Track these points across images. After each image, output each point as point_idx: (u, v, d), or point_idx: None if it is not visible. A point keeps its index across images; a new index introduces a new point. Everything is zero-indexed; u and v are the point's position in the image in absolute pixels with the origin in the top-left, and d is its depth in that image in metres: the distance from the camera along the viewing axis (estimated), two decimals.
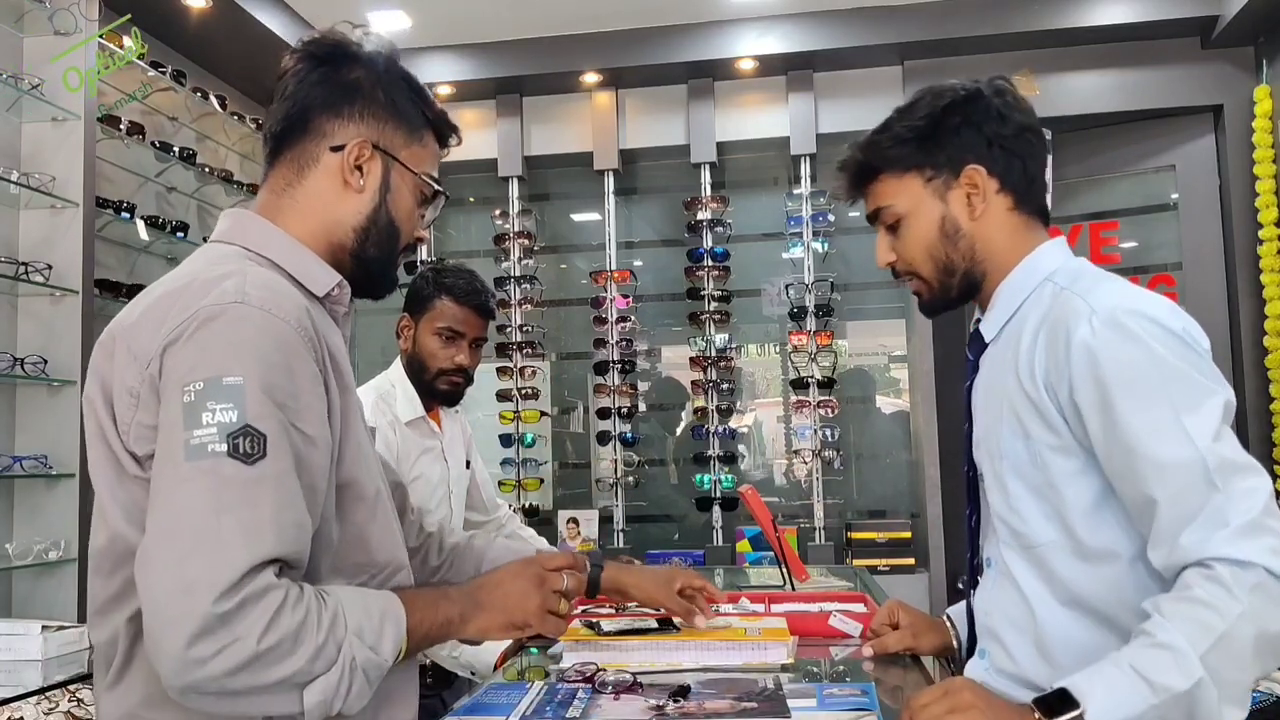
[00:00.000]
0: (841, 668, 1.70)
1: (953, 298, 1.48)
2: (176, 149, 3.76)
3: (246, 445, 1.04)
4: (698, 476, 4.46)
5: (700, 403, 4.49)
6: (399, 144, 1.30)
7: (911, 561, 4.19)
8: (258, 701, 1.04)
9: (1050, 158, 1.53)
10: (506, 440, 4.58)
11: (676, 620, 1.76)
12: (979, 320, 1.49)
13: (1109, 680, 1.11)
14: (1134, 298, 1.30)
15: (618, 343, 4.55)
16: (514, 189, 4.71)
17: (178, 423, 1.05)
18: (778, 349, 4.92)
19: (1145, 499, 1.21)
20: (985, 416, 1.44)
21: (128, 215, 3.48)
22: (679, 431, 4.86)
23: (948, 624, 1.69)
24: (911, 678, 1.61)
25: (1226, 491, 1.16)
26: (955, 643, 1.67)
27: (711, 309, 4.48)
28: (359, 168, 1.27)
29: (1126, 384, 1.23)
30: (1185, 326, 1.27)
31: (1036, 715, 1.12)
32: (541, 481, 4.61)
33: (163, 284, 1.19)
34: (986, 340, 1.46)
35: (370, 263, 1.31)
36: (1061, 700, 1.12)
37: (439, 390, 2.43)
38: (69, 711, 2.37)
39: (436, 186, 1.35)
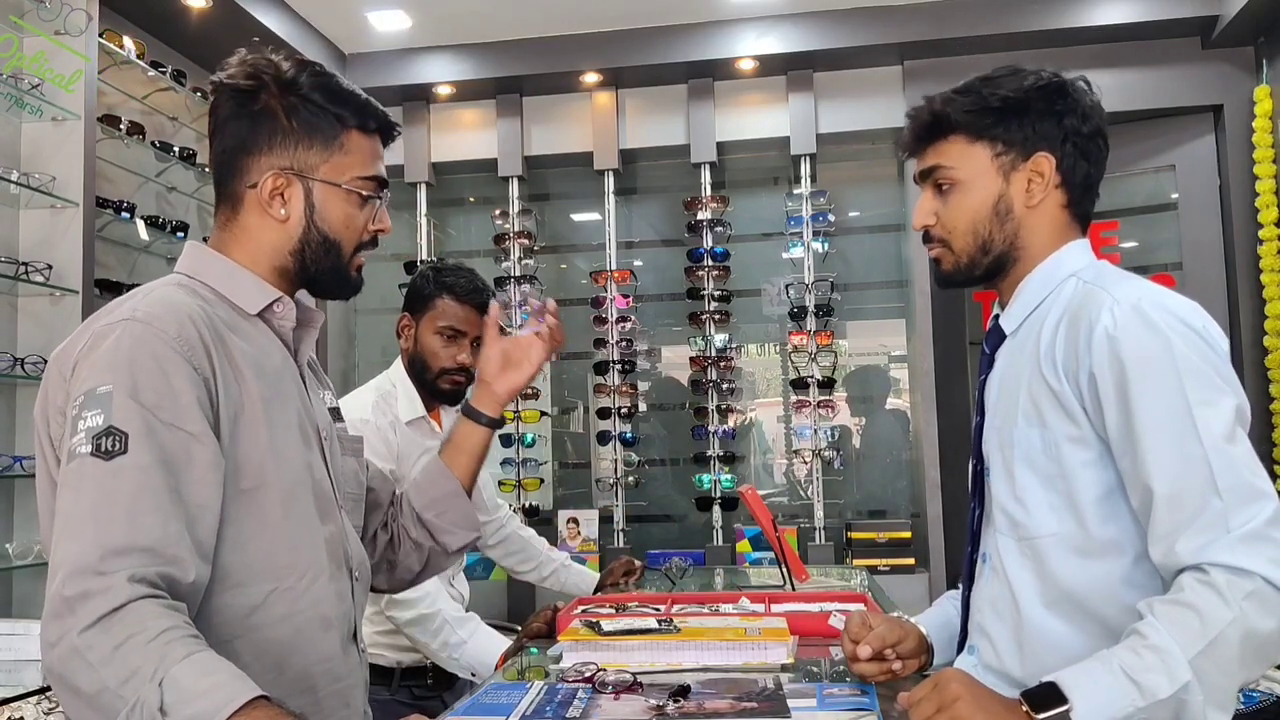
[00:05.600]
0: (841, 668, 1.70)
1: (975, 276, 1.46)
2: (176, 149, 3.76)
3: (108, 444, 1.10)
4: (698, 476, 4.46)
5: (700, 403, 4.49)
6: (316, 161, 1.32)
7: (911, 561, 4.19)
8: (86, 715, 1.01)
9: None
10: (506, 440, 4.58)
11: (676, 621, 1.76)
12: (998, 315, 1.48)
13: (1097, 679, 1.12)
14: (1157, 293, 1.31)
15: (618, 343, 4.55)
16: (514, 189, 4.71)
17: (66, 434, 1.14)
18: (778, 349, 4.92)
19: (1146, 490, 1.21)
20: (999, 409, 1.43)
21: (128, 215, 3.48)
22: (679, 432, 4.86)
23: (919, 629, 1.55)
24: (913, 679, 1.61)
25: (1227, 498, 1.16)
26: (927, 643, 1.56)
27: (711, 309, 4.48)
28: (282, 195, 1.31)
29: (1143, 373, 1.23)
30: (1205, 325, 1.28)
31: (1025, 709, 1.12)
32: (541, 481, 4.61)
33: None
34: (1006, 333, 1.45)
35: (319, 276, 1.36)
36: (1049, 695, 1.12)
37: (441, 390, 2.42)
38: None
39: (365, 190, 1.35)
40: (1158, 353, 1.23)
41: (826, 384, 4.36)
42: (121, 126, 3.47)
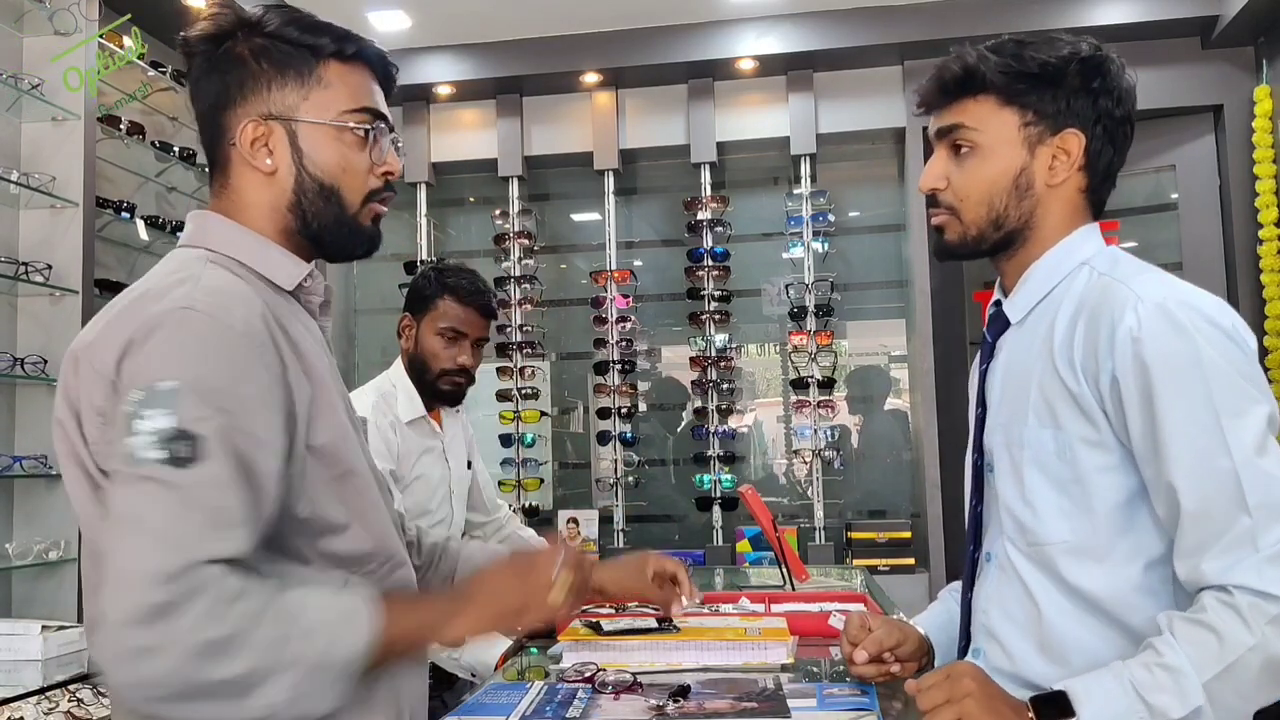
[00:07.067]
0: (841, 668, 1.70)
1: (980, 250, 1.38)
2: (176, 149, 3.76)
3: (182, 450, 1.02)
4: (698, 476, 4.46)
5: (700, 403, 4.49)
6: (294, 101, 1.21)
7: (911, 561, 4.18)
8: (203, 707, 0.99)
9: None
10: (506, 440, 4.58)
11: (676, 620, 1.76)
12: (999, 301, 1.41)
13: (1107, 692, 1.09)
14: (1181, 289, 1.23)
15: (618, 343, 4.54)
16: (514, 189, 4.71)
17: (121, 431, 1.04)
18: (778, 349, 4.92)
19: (1173, 503, 1.16)
20: (1006, 403, 1.36)
21: (128, 215, 3.48)
22: (679, 431, 4.86)
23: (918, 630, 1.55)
24: (914, 678, 1.60)
25: (1256, 515, 1.11)
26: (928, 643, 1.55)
27: (711, 309, 4.48)
28: (266, 145, 1.21)
29: (1170, 380, 1.16)
30: (1234, 324, 1.20)
31: (1030, 714, 1.11)
32: (541, 481, 4.60)
33: (122, 297, 1.18)
34: (1012, 321, 1.38)
35: (324, 231, 1.25)
36: (1058, 704, 1.10)
37: (441, 390, 2.43)
38: (69, 711, 2.37)
39: (356, 124, 1.23)
40: (1185, 358, 1.16)
41: (826, 384, 4.36)
42: (121, 126, 3.47)
